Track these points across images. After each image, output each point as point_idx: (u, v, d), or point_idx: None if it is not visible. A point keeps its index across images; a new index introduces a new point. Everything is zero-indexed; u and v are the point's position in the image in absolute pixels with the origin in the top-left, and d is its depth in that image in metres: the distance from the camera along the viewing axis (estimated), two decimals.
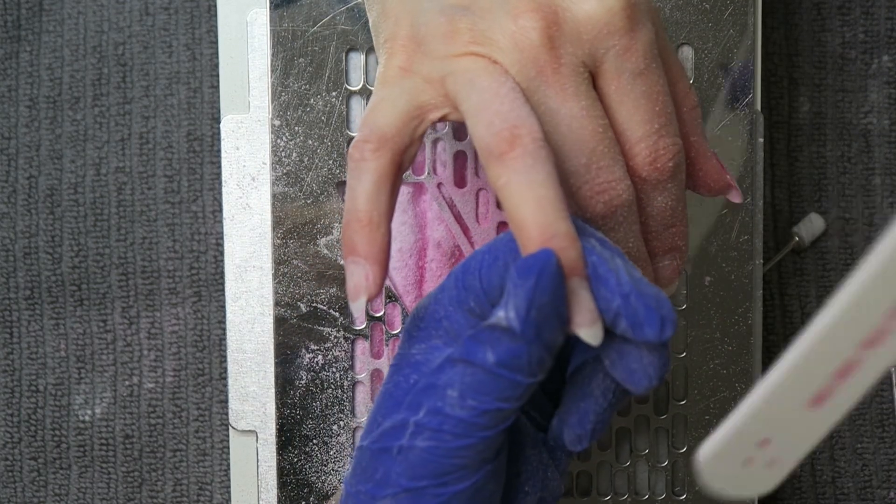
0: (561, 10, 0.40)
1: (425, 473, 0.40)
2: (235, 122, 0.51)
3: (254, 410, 0.51)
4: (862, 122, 0.58)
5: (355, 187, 0.41)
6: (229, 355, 0.51)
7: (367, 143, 0.41)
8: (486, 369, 0.38)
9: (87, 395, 0.57)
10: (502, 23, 0.40)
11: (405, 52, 0.42)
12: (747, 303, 0.50)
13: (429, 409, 0.39)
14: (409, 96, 0.41)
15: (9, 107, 0.57)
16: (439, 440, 0.39)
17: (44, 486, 0.57)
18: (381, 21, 0.43)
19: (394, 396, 0.41)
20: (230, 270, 0.51)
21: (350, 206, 0.41)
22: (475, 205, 0.50)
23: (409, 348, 0.42)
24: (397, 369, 0.42)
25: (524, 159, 0.38)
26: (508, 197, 0.39)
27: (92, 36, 0.57)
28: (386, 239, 0.40)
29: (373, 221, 0.40)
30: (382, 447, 0.41)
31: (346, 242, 0.41)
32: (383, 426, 0.41)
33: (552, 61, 0.40)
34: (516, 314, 0.38)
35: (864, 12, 0.58)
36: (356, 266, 0.40)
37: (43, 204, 0.57)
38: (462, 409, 0.39)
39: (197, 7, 0.57)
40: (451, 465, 0.40)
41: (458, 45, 0.41)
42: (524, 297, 0.37)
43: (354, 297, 0.40)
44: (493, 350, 0.38)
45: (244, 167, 0.51)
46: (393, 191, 0.41)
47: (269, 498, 0.51)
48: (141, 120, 0.57)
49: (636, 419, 0.51)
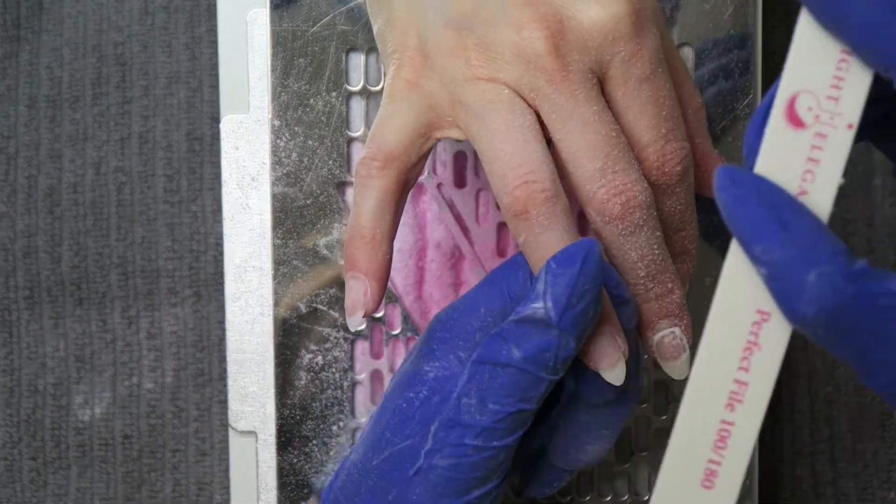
0: (566, 19, 0.40)
1: (447, 492, 0.40)
2: (235, 122, 0.50)
3: (253, 411, 0.51)
4: None
5: (360, 204, 0.41)
6: (229, 356, 0.51)
7: (375, 161, 0.41)
8: (510, 367, 0.39)
9: (87, 395, 0.57)
10: (507, 35, 0.40)
11: (412, 65, 0.42)
12: None
13: (443, 422, 0.40)
14: (417, 113, 0.41)
15: (8, 106, 0.57)
16: (461, 456, 0.39)
17: (43, 487, 0.57)
18: (388, 31, 0.43)
19: (405, 413, 0.41)
20: (230, 271, 0.51)
21: (354, 222, 0.41)
22: (475, 205, 0.50)
23: (422, 365, 0.42)
24: (408, 386, 0.42)
25: (538, 219, 0.39)
26: (529, 255, 0.40)
27: (91, 35, 0.57)
28: (387, 257, 0.41)
29: (375, 239, 0.41)
30: (395, 467, 0.40)
31: (348, 258, 0.41)
32: (398, 445, 0.41)
33: (560, 69, 0.40)
34: (554, 303, 0.38)
35: None
36: (356, 281, 0.41)
37: (42, 204, 0.57)
38: (482, 416, 0.39)
39: (197, 7, 0.57)
40: (473, 479, 0.40)
41: (466, 66, 0.41)
42: (566, 285, 0.38)
43: (352, 312, 0.41)
44: (518, 346, 0.39)
45: (244, 167, 0.51)
46: (397, 209, 0.41)
47: (268, 498, 0.51)
48: (140, 120, 0.57)
49: (636, 419, 0.51)
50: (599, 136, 0.40)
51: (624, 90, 0.41)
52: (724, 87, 0.50)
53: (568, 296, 0.38)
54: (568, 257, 0.38)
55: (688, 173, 0.42)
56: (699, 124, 0.44)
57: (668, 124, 0.41)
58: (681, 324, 0.42)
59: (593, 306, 0.39)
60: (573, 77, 0.40)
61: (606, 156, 0.40)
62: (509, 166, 0.40)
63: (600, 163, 0.40)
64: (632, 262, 0.41)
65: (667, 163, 0.41)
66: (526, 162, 0.40)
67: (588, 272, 0.38)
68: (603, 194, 0.40)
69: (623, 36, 0.40)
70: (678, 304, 0.42)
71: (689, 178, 0.42)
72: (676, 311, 0.42)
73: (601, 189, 0.40)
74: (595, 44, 0.40)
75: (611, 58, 0.41)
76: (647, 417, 0.51)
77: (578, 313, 0.38)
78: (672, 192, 0.42)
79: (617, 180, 0.40)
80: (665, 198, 0.42)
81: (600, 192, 0.40)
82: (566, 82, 0.40)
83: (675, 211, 0.42)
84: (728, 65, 0.50)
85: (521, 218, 0.40)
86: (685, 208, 0.43)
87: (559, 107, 0.40)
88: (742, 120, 0.50)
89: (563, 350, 0.39)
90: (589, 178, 0.40)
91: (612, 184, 0.40)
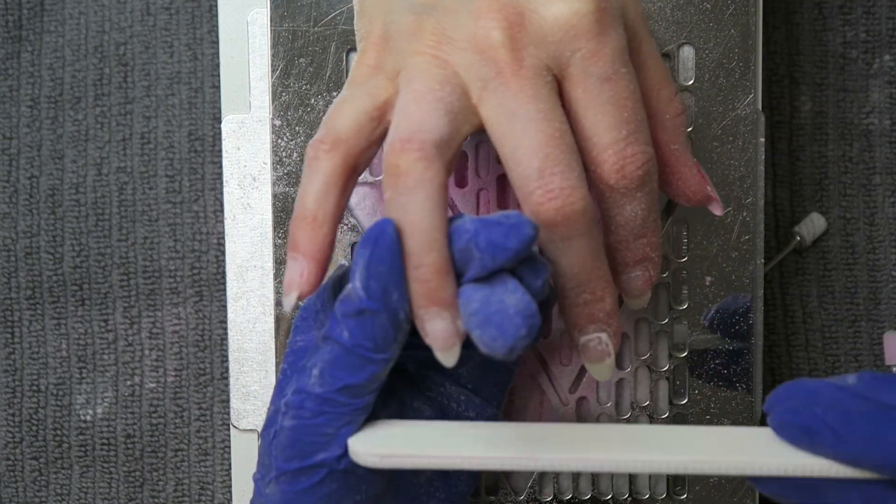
0: (527, 12, 0.40)
1: (294, 453, 0.41)
2: (236, 122, 0.51)
3: (255, 410, 0.51)
4: (863, 122, 0.58)
5: (306, 185, 0.41)
6: (231, 355, 0.51)
7: (322, 144, 0.41)
8: (343, 345, 0.40)
9: (89, 394, 0.57)
10: (464, 22, 0.40)
11: (375, 50, 0.42)
12: (748, 303, 0.50)
13: (295, 388, 0.41)
14: (370, 97, 0.41)
15: (10, 107, 0.57)
16: (300, 418, 0.41)
17: (45, 486, 0.57)
18: (359, 20, 0.44)
19: (280, 384, 0.43)
20: (231, 270, 0.51)
21: (299, 202, 0.41)
22: (475, 205, 0.50)
23: (294, 337, 0.44)
24: (285, 358, 0.44)
25: (405, 179, 0.39)
26: (386, 214, 0.40)
27: (93, 36, 0.57)
28: (328, 238, 0.41)
29: (317, 220, 0.41)
30: (266, 433, 0.43)
31: (290, 238, 0.42)
32: (269, 413, 0.43)
33: (513, 62, 0.40)
34: (361, 283, 0.39)
35: (865, 12, 0.58)
36: (294, 262, 0.41)
37: (44, 204, 0.57)
38: (320, 387, 0.40)
39: (198, 7, 0.57)
40: (314, 443, 0.41)
41: (420, 44, 0.41)
42: (363, 266, 0.39)
43: (287, 292, 0.41)
44: (346, 325, 0.40)
45: (245, 167, 0.51)
46: (343, 192, 0.41)
47: None
48: (142, 120, 0.57)
49: (637, 419, 0.51)
50: (542, 134, 0.40)
51: (583, 89, 0.40)
52: (724, 87, 0.50)
53: (366, 277, 0.39)
54: (364, 239, 0.39)
55: (649, 178, 0.41)
56: (677, 131, 0.43)
57: (629, 126, 0.41)
58: (608, 329, 0.42)
59: (395, 288, 0.39)
60: (524, 73, 0.40)
61: (546, 156, 0.40)
62: (405, 123, 0.40)
63: (539, 163, 0.40)
64: (563, 266, 0.41)
65: (626, 166, 0.41)
66: (420, 121, 0.40)
67: (378, 255, 0.39)
68: (538, 196, 0.40)
69: (584, 33, 0.40)
70: (607, 311, 0.42)
71: (651, 184, 0.42)
72: (604, 317, 0.42)
73: (537, 190, 0.40)
74: (555, 39, 0.40)
75: (570, 55, 0.40)
76: (648, 417, 0.51)
77: (380, 294, 0.39)
78: (632, 196, 0.41)
79: (554, 183, 0.39)
80: (625, 202, 0.41)
81: (536, 193, 0.40)
82: (516, 77, 0.40)
83: (636, 216, 0.42)
84: (728, 65, 0.50)
85: (390, 172, 0.40)
86: (647, 214, 0.42)
87: (505, 101, 0.40)
88: (742, 120, 0.50)
89: (378, 327, 0.39)
90: (526, 177, 0.40)
91: (548, 186, 0.40)
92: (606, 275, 0.42)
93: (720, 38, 0.49)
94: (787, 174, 0.58)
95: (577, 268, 0.41)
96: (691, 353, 0.51)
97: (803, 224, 0.57)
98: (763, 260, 0.51)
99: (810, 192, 0.58)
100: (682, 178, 0.44)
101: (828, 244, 0.58)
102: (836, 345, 0.58)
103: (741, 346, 0.50)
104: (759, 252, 0.50)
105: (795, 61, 0.58)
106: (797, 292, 0.58)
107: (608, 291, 0.42)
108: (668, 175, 0.44)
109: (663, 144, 0.43)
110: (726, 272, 0.50)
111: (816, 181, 0.58)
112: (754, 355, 0.51)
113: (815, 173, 0.58)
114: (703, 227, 0.50)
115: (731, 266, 0.50)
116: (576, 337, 0.43)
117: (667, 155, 0.43)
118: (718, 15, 0.49)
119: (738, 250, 0.50)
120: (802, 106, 0.58)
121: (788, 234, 0.58)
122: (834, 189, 0.58)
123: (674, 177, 0.44)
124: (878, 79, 0.58)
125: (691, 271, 0.50)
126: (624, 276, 0.44)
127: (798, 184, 0.58)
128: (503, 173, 0.49)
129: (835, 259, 0.58)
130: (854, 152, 0.58)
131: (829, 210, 0.58)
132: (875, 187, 0.58)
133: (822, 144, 0.58)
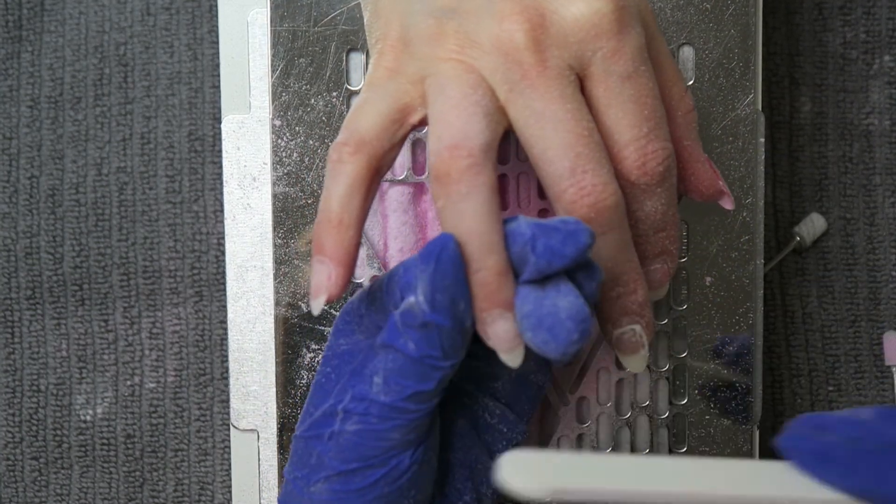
0: (548, 13, 0.40)
1: (355, 456, 0.41)
2: (236, 122, 0.51)
3: (255, 410, 0.51)
4: (863, 123, 0.58)
5: (330, 188, 0.41)
6: (230, 355, 0.51)
7: (346, 146, 0.41)
8: (408, 356, 0.40)
9: (89, 394, 0.57)
10: (487, 26, 0.40)
11: (393, 53, 0.42)
12: (748, 303, 0.50)
13: (354, 395, 0.41)
14: (392, 99, 0.41)
15: (10, 107, 0.57)
16: (366, 423, 0.41)
17: (45, 486, 0.57)
18: (373, 22, 0.43)
19: (324, 387, 0.43)
20: (231, 270, 0.51)
21: (323, 206, 0.41)
22: None
23: (336, 340, 0.44)
24: (327, 361, 0.44)
25: (458, 186, 0.40)
26: (442, 222, 0.40)
27: (93, 36, 0.57)
28: (354, 242, 0.41)
29: (342, 223, 0.41)
30: (315, 434, 0.42)
31: (315, 242, 0.41)
32: (315, 415, 0.42)
33: (537, 64, 0.40)
34: (425, 298, 0.39)
35: (865, 12, 0.58)
36: (321, 265, 0.41)
37: (44, 204, 0.57)
38: (386, 395, 0.40)
39: (198, 7, 0.57)
40: (378, 447, 0.41)
41: (444, 49, 0.41)
42: (428, 281, 0.39)
43: (315, 296, 0.41)
44: (411, 336, 0.40)
45: (245, 167, 0.51)
46: (367, 195, 0.41)
47: (270, 497, 0.51)
48: (142, 120, 0.57)
49: (637, 419, 0.51)
50: (572, 134, 0.40)
51: (605, 87, 0.41)
52: (725, 87, 0.50)
53: (431, 291, 0.39)
54: (426, 254, 0.39)
55: (669, 174, 0.42)
56: (689, 127, 0.44)
57: (649, 123, 0.41)
58: (641, 321, 0.43)
59: (461, 299, 0.39)
60: (550, 73, 0.40)
61: (577, 155, 0.40)
62: (448, 131, 0.40)
63: (570, 162, 0.40)
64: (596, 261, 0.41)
65: (648, 162, 0.41)
66: (463, 128, 0.40)
67: (443, 270, 0.39)
68: (572, 194, 0.40)
69: (605, 32, 0.40)
70: (640, 303, 0.42)
71: (671, 179, 0.42)
72: (638, 309, 0.42)
73: (570, 188, 0.40)
74: (576, 39, 0.40)
75: (592, 54, 0.41)
76: (647, 417, 0.51)
77: (446, 306, 0.39)
78: (653, 192, 0.42)
79: (586, 180, 0.40)
80: (646, 197, 0.42)
81: (569, 192, 0.40)
82: (542, 78, 0.40)
83: (656, 211, 0.42)
84: (728, 65, 0.50)
85: (442, 181, 0.40)
86: (666, 209, 0.42)
87: (532, 102, 0.40)
88: (742, 120, 0.50)
89: (445, 338, 0.39)
90: (558, 176, 0.40)
91: (580, 184, 0.40)
92: (637, 267, 0.42)
93: (720, 38, 0.49)
94: (787, 174, 0.58)
95: (611, 262, 0.41)
96: (691, 353, 0.51)
97: (803, 224, 0.57)
98: (763, 260, 0.51)
99: (810, 192, 0.58)
100: (694, 174, 0.44)
101: (828, 244, 0.58)
102: (836, 345, 0.58)
103: (741, 346, 0.50)
104: (759, 252, 0.50)
105: (795, 62, 0.58)
106: (797, 292, 0.58)
107: (640, 284, 0.42)
108: (682, 171, 0.44)
109: (676, 140, 0.43)
110: (726, 272, 0.50)
111: (816, 181, 0.58)
112: (754, 355, 0.51)
113: (814, 173, 0.58)
114: (703, 227, 0.50)
115: (731, 266, 0.50)
116: (609, 331, 0.43)
117: (679, 151, 0.44)
118: (718, 15, 0.49)
119: (738, 250, 0.50)
120: (802, 106, 0.58)
121: (788, 234, 0.58)
122: (834, 189, 0.58)
123: (687, 172, 0.44)
124: (877, 79, 0.58)
125: (691, 271, 0.50)
126: (644, 269, 0.44)
127: (798, 184, 0.58)
128: (503, 173, 0.49)
129: (835, 259, 0.58)
130: (854, 153, 0.58)
131: (829, 210, 0.58)
132: (875, 187, 0.58)
133: (821, 145, 0.58)
